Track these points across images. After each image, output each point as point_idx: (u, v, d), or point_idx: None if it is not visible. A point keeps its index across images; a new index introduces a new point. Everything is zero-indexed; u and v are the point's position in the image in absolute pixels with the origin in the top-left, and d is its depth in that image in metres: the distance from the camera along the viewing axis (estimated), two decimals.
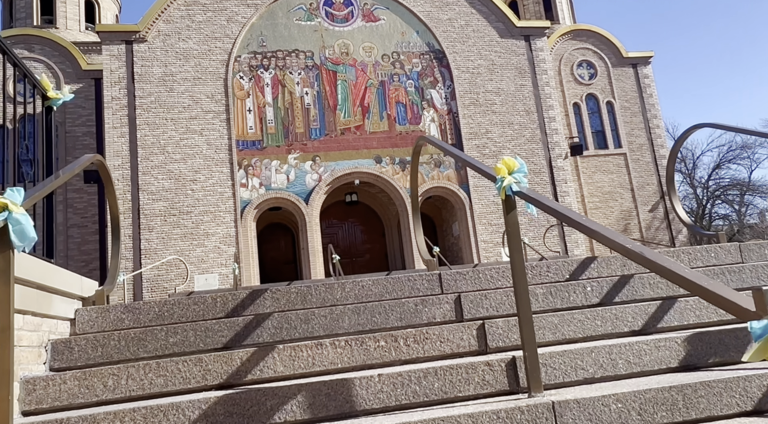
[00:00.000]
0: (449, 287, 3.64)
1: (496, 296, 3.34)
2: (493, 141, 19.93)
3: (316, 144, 18.82)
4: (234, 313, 3.38)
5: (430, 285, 3.62)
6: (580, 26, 24.87)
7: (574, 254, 19.12)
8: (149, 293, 16.77)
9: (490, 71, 20.57)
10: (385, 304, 3.25)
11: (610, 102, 24.16)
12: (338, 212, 21.25)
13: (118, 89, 18.05)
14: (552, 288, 3.41)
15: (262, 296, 3.44)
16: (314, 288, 3.51)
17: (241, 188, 18.05)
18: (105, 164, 3.61)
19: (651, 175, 23.64)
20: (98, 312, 3.27)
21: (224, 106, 18.46)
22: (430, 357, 2.89)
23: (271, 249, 21.07)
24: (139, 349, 2.97)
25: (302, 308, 3.45)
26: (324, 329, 3.16)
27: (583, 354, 2.63)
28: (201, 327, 3.06)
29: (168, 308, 3.34)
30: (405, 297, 3.57)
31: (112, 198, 3.79)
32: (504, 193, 2.50)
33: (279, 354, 2.77)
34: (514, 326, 2.97)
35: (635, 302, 3.41)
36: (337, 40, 19.86)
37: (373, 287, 3.56)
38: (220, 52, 18.95)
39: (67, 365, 2.88)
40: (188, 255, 17.19)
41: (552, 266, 3.78)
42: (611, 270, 3.80)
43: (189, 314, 3.34)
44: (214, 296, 3.41)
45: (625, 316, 3.07)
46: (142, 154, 17.75)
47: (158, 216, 17.43)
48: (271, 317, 3.15)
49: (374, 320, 3.22)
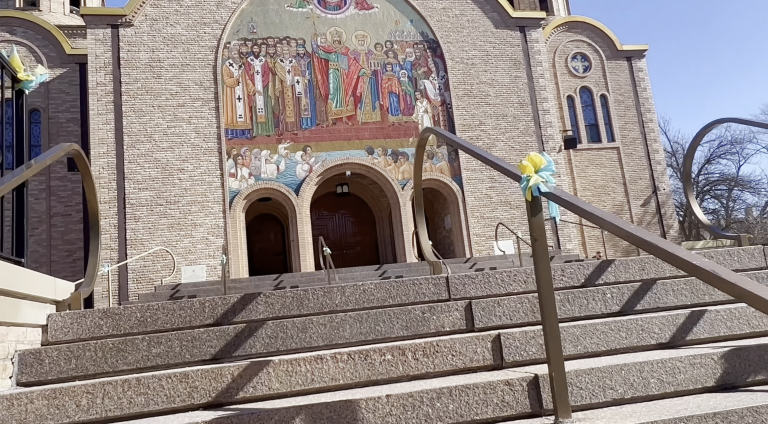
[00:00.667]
0: (457, 291, 3.37)
1: (510, 303, 3.08)
2: (487, 133, 19.68)
3: (307, 134, 18.45)
4: (224, 319, 3.09)
5: (436, 289, 3.35)
6: (575, 18, 24.61)
7: (566, 248, 18.99)
8: (135, 284, 16.40)
9: (484, 62, 20.27)
10: (389, 311, 2.98)
11: (604, 95, 23.98)
12: (329, 203, 20.94)
13: (104, 75, 17.54)
14: (569, 295, 3.16)
15: (254, 300, 3.16)
16: (311, 292, 3.22)
17: (230, 178, 17.67)
18: (82, 154, 3.29)
19: (644, 169, 23.54)
20: (73, 318, 2.97)
21: (213, 94, 18.02)
22: (440, 372, 2.62)
23: (260, 240, 20.73)
24: (118, 361, 2.67)
25: (298, 313, 3.17)
26: (323, 339, 2.88)
27: (612, 372, 2.38)
28: (187, 336, 2.77)
29: (151, 313, 3.04)
30: (410, 303, 3.30)
31: (91, 191, 3.48)
32: (530, 193, 2.22)
33: (274, 369, 2.49)
34: (532, 338, 2.71)
35: (658, 311, 3.17)
36: (330, 28, 19.45)
37: (375, 291, 3.29)
38: (209, 38, 18.47)
39: (37, 379, 2.58)
40: (175, 246, 16.81)
41: (566, 270, 3.52)
42: (629, 274, 3.55)
43: (174, 320, 3.05)
44: (202, 301, 3.11)
45: (651, 327, 2.82)
46: (128, 142, 17.29)
47: (144, 206, 17.01)
48: (265, 325, 2.86)
49: (378, 328, 2.94)
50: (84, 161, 3.33)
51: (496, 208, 19.07)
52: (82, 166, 3.37)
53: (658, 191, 23.19)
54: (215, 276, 16.77)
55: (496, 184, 19.19)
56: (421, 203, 4.10)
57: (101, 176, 16.89)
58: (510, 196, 19.27)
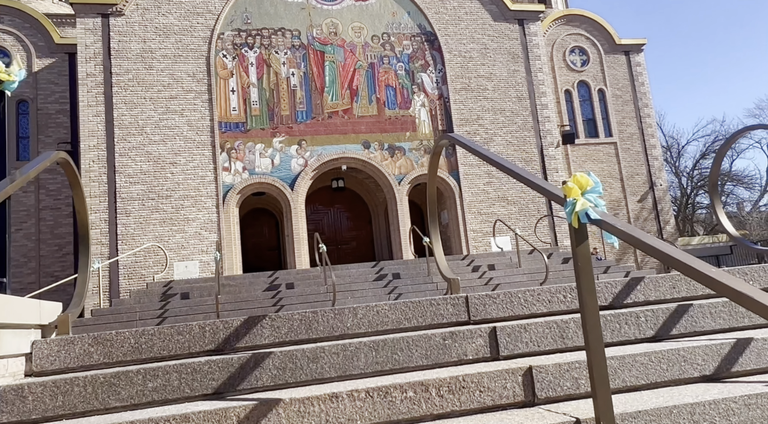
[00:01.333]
0: (477, 312, 3.13)
1: (537, 328, 2.84)
2: (485, 128, 19.43)
3: (303, 127, 18.12)
4: (226, 346, 2.84)
5: (455, 310, 3.11)
6: (574, 11, 24.33)
7: (564, 245, 18.83)
8: (126, 280, 16.08)
9: (482, 55, 19.97)
10: (407, 338, 2.73)
11: (601, 90, 23.77)
12: (324, 198, 20.65)
13: (94, 65, 17.09)
14: (602, 318, 2.92)
15: (259, 324, 2.90)
16: (321, 314, 2.97)
17: (223, 172, 17.33)
18: (70, 163, 3.01)
19: (641, 165, 23.40)
20: (60, 345, 2.70)
21: (206, 86, 17.63)
22: (467, 411, 2.38)
23: (254, 235, 20.43)
24: (110, 397, 2.41)
25: (307, 338, 2.92)
26: (336, 370, 2.63)
27: (661, 415, 2.15)
28: (187, 368, 2.51)
29: (146, 339, 2.78)
30: (427, 325, 3.06)
31: (81, 201, 3.19)
32: (577, 219, 1.97)
33: (285, 410, 2.24)
34: (566, 371, 2.47)
35: (695, 336, 2.95)
36: (326, 19, 19.07)
37: (390, 312, 3.04)
38: (202, 28, 18.04)
39: (19, 419, 2.32)
40: (167, 241, 16.49)
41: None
42: (660, 293, 3.32)
43: (172, 347, 2.79)
44: (201, 325, 2.85)
45: (694, 357, 2.60)
46: (119, 135, 16.90)
47: (136, 200, 16.65)
48: (272, 354, 2.60)
49: (395, 357, 2.70)
50: (72, 169, 3.05)
51: (494, 204, 18.85)
52: (71, 175, 3.09)
53: (655, 187, 23.06)
54: (208, 272, 16.48)
55: (494, 180, 18.97)
56: (435, 213, 3.84)
57: (91, 170, 16.50)
58: (507, 192, 19.07)
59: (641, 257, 22.72)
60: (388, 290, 13.37)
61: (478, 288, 13.13)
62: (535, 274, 14.45)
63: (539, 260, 15.57)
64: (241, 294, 13.21)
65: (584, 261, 2.02)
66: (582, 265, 2.02)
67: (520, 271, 14.72)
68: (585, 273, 2.01)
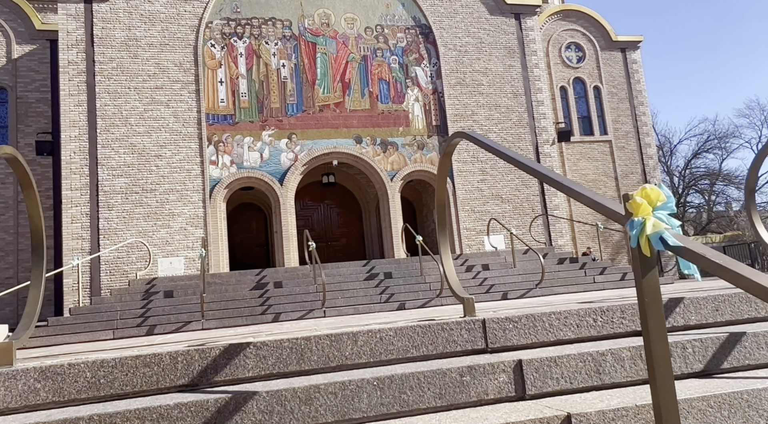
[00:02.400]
0: (496, 338, 2.70)
1: (569, 362, 2.42)
2: (479, 124, 19.02)
3: (293, 121, 17.60)
4: (202, 380, 2.39)
5: (470, 336, 2.68)
6: (570, 6, 23.95)
7: (558, 244, 18.51)
8: (108, 276, 15.52)
9: (478, 50, 19.54)
10: (418, 374, 2.30)
11: (597, 87, 23.45)
12: (313, 193, 20.17)
13: (76, 53, 16.44)
14: (642, 350, 2.50)
15: (242, 353, 2.45)
16: (314, 342, 2.53)
17: (210, 166, 16.78)
18: (19, 160, 2.54)
19: (636, 163, 23.13)
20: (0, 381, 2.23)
21: (193, 77, 17.04)
22: None
23: (242, 230, 19.91)
24: None
25: (298, 370, 2.48)
26: (333, 414, 2.19)
27: None
28: (152, 414, 2.06)
29: (105, 373, 2.32)
30: (438, 354, 2.63)
31: (33, 205, 2.72)
32: (648, 244, 1.54)
33: None
34: (613, 421, 2.05)
35: (750, 370, 2.54)
36: (317, 10, 18.53)
37: (395, 338, 2.61)
38: (189, 16, 17.43)
39: None
40: (151, 236, 15.94)
41: (627, 311, 2.87)
42: (701, 316, 2.92)
43: (136, 381, 2.34)
44: (173, 354, 2.40)
45: (759, 402, 2.19)
46: (101, 126, 16.28)
47: (119, 193, 16.07)
48: (257, 395, 2.16)
49: (404, 397, 2.26)
50: (22, 168, 2.58)
51: (487, 202, 18.48)
52: (20, 173, 2.62)
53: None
54: (194, 269, 15.97)
55: (488, 177, 18.59)
56: (445, 224, 3.40)
57: (72, 161, 15.89)
58: (501, 190, 18.70)
59: None
60: (379, 290, 12.95)
61: (472, 289, 12.74)
62: (530, 274, 14.10)
63: (534, 259, 15.22)
64: (227, 293, 12.72)
65: (652, 297, 1.60)
66: (650, 301, 1.59)
67: (515, 271, 14.37)
68: (654, 311, 1.59)
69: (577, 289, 13.13)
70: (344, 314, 11.04)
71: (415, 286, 13.23)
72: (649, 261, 1.60)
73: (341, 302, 12.12)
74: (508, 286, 13.25)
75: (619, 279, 14.09)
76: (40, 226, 2.75)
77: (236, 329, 8.22)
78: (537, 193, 18.83)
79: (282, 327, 7.19)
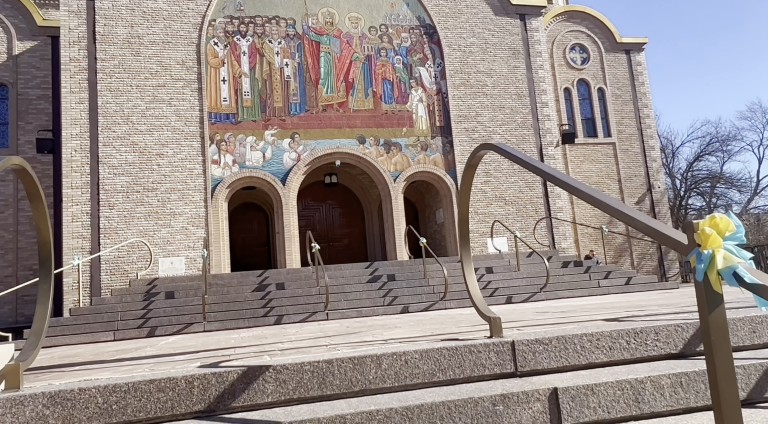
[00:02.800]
0: (525, 361, 2.58)
1: (607, 390, 2.30)
2: (483, 125, 18.89)
3: (296, 120, 17.47)
4: (219, 405, 2.26)
5: (499, 359, 2.56)
6: (575, 7, 23.82)
7: (561, 247, 18.40)
8: (108, 276, 15.39)
9: (482, 50, 19.41)
10: (449, 403, 2.17)
11: (601, 88, 23.33)
12: (315, 193, 20.04)
13: (78, 50, 16.29)
14: (683, 377, 2.38)
15: (261, 377, 2.33)
16: (337, 365, 2.41)
17: (212, 165, 16.64)
18: (29, 172, 2.41)
19: (639, 166, 23.02)
20: (6, 407, 2.11)
21: (196, 75, 16.89)
22: None
23: (243, 230, 19.78)
24: None
25: (320, 394, 2.35)
26: None
27: None
28: None
29: (118, 398, 2.20)
30: (466, 378, 2.50)
31: (41, 217, 2.59)
32: (718, 279, 1.42)
33: None
34: None
35: None
36: (322, 8, 18.38)
37: (421, 361, 2.48)
38: (192, 14, 17.28)
39: None
40: (152, 236, 15.81)
41: (661, 332, 2.75)
42: (738, 338, 2.79)
43: (150, 407, 2.21)
44: (189, 378, 2.27)
45: None
46: (103, 124, 16.14)
47: (120, 192, 15.93)
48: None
49: None
50: (31, 178, 2.45)
51: (491, 204, 18.35)
52: (29, 185, 2.49)
53: (652, 189, 22.71)
54: (195, 269, 15.84)
55: (492, 179, 18.47)
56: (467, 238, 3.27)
57: (73, 159, 15.75)
58: (505, 192, 18.58)
59: (637, 261, 22.39)
60: (383, 293, 12.83)
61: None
62: (535, 278, 13.99)
63: (538, 262, 15.11)
64: (229, 295, 12.60)
65: (720, 335, 1.47)
66: (717, 340, 1.47)
67: (519, 274, 14.26)
68: (721, 353, 1.47)
69: (582, 293, 13.02)
70: (347, 317, 10.92)
71: (419, 289, 13.11)
72: (718, 296, 1.47)
73: (344, 305, 12.00)
74: (512, 290, 13.13)
75: (623, 283, 13.98)
76: (49, 239, 2.62)
77: (239, 333, 8.09)
78: (541, 196, 18.72)
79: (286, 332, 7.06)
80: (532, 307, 8.79)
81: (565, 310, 6.08)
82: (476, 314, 7.14)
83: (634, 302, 7.05)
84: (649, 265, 22.40)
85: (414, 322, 6.34)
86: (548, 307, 7.93)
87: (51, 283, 2.66)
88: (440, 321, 5.75)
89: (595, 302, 8.37)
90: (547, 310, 6.61)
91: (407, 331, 4.12)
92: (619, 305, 6.29)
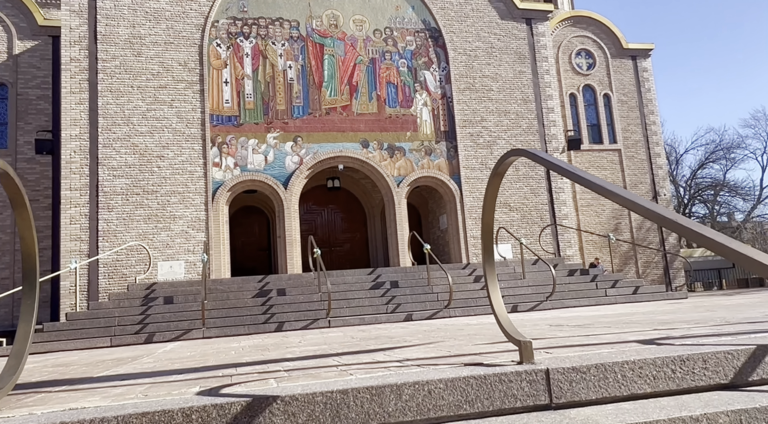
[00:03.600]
0: (561, 392, 2.32)
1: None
2: (488, 130, 18.66)
3: (299, 123, 17.24)
4: None
5: (532, 389, 2.30)
6: (581, 13, 23.63)
7: (567, 255, 18.14)
8: (106, 279, 15.12)
9: (488, 55, 19.19)
10: None
11: (607, 94, 23.11)
12: (318, 197, 19.79)
13: (78, 50, 16.08)
14: (743, 415, 2.12)
15: (268, 409, 2.07)
16: (353, 396, 2.15)
17: (213, 168, 16.41)
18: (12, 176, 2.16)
19: (645, 173, 22.77)
20: None
21: (198, 76, 16.67)
22: None
23: (244, 234, 19.52)
24: None
25: None
26: None
27: None
28: None
29: None
30: (496, 411, 2.24)
31: (26, 226, 2.34)
32: None
33: None
34: None
35: None
36: (326, 11, 18.18)
37: (446, 392, 2.23)
38: (195, 15, 17.08)
39: None
40: (152, 239, 15.56)
41: (709, 360, 2.49)
42: None
43: None
44: (186, 411, 2.02)
45: None
46: (103, 125, 15.91)
47: (119, 194, 15.69)
48: None
49: None
50: (14, 183, 2.20)
51: (496, 210, 18.06)
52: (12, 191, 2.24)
53: (658, 196, 22.45)
54: (194, 273, 15.58)
55: None
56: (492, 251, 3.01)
57: (72, 161, 15.51)
58: (510, 198, 18.34)
59: (642, 269, 22.12)
60: (386, 300, 12.58)
61: (481, 300, 12.37)
62: (540, 286, 13.74)
63: (543, 270, 14.86)
64: (229, 300, 12.34)
65: None
66: None
67: (524, 282, 14.00)
68: None
69: (588, 302, 12.77)
70: (350, 325, 10.65)
71: (422, 296, 12.86)
72: None
73: (346, 312, 11.75)
74: (518, 298, 12.88)
75: (631, 293, 13.73)
76: (34, 250, 2.36)
77: (239, 341, 7.83)
78: (546, 202, 18.47)
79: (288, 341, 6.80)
80: (540, 317, 8.51)
81: (581, 323, 5.82)
82: (485, 324, 6.88)
83: (649, 314, 6.79)
84: (654, 273, 22.13)
85: (422, 333, 6.08)
86: (559, 318, 7.66)
87: (36, 298, 2.41)
88: (450, 334, 5.49)
89: (606, 313, 8.10)
90: (560, 322, 6.35)
91: (422, 350, 3.86)
92: (635, 318, 6.03)
